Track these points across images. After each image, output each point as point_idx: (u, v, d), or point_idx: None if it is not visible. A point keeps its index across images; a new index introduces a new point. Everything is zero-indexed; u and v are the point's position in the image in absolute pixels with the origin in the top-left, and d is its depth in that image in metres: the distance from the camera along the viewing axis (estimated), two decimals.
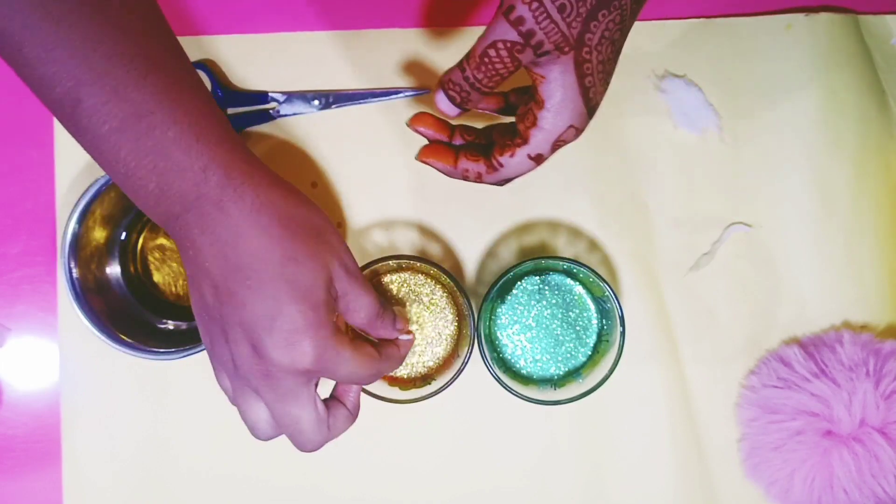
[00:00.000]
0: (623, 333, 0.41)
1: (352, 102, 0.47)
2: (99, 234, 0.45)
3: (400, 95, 0.47)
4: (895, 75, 0.48)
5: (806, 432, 0.45)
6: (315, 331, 0.31)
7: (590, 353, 0.45)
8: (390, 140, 0.48)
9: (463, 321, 0.44)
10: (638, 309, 0.47)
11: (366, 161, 0.48)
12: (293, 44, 0.47)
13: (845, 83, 0.48)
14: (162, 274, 0.48)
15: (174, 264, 0.48)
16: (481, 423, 0.47)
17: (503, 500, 0.47)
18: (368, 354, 0.34)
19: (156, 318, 0.47)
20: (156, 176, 0.29)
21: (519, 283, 0.45)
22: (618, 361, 0.41)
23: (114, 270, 0.46)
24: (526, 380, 0.45)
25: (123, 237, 0.46)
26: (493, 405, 0.47)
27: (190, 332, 0.46)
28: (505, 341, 0.45)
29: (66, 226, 0.42)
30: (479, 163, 0.37)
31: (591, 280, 0.42)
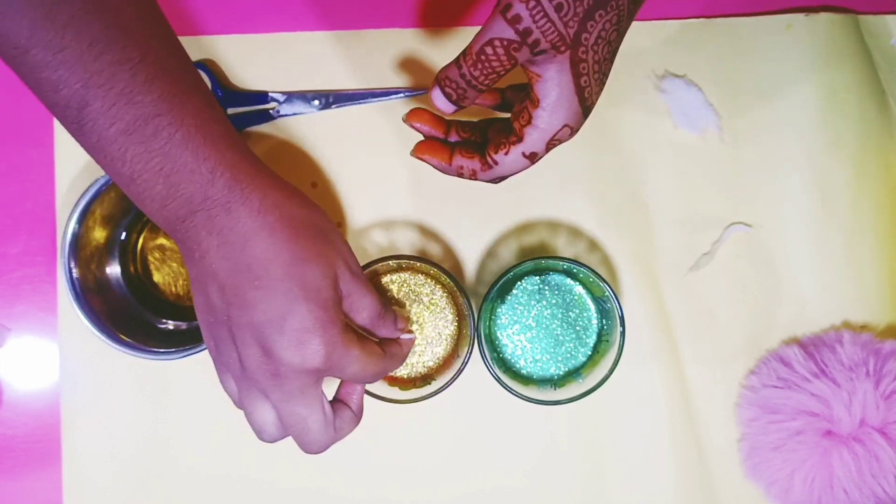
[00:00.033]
0: (623, 333, 0.41)
1: (352, 102, 0.47)
2: (99, 234, 0.45)
3: (399, 95, 0.47)
4: (895, 75, 0.48)
5: (806, 432, 0.45)
6: (325, 330, 0.31)
7: (590, 353, 0.45)
8: (390, 140, 0.48)
9: (463, 321, 0.44)
10: (638, 309, 0.47)
11: (366, 161, 0.48)
12: (293, 44, 0.47)
13: (845, 83, 0.48)
14: (162, 274, 0.48)
15: (174, 264, 0.48)
16: (481, 423, 0.47)
17: (503, 500, 0.47)
18: (375, 353, 0.34)
19: (156, 318, 0.47)
20: (163, 178, 0.29)
21: (519, 283, 0.45)
22: (618, 361, 0.41)
23: (114, 270, 0.46)
24: (526, 380, 0.45)
25: (123, 237, 0.46)
26: (493, 405, 0.47)
27: (190, 332, 0.46)
28: (505, 341, 0.45)
29: (66, 226, 0.42)
30: (474, 160, 0.37)
31: (591, 280, 0.42)
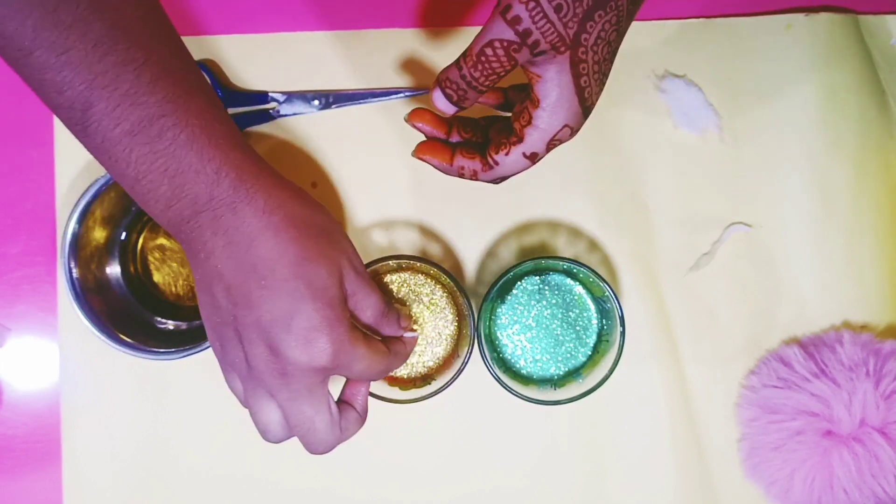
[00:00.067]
0: (623, 333, 0.41)
1: (352, 102, 0.47)
2: (99, 234, 0.45)
3: (399, 95, 0.47)
4: (895, 75, 0.48)
5: (806, 432, 0.45)
6: (332, 328, 0.31)
7: (590, 353, 0.45)
8: (390, 140, 0.48)
9: (463, 321, 0.44)
10: (638, 309, 0.47)
11: (366, 161, 0.48)
12: (293, 44, 0.47)
13: (845, 83, 0.48)
14: (162, 274, 0.48)
15: (174, 264, 0.48)
16: (481, 423, 0.47)
17: (503, 500, 0.47)
18: (380, 351, 0.34)
19: (156, 318, 0.47)
20: (168, 178, 0.29)
21: (519, 283, 0.45)
22: (618, 361, 0.41)
23: (114, 270, 0.46)
24: (526, 380, 0.45)
25: (123, 237, 0.47)
26: (493, 405, 0.47)
27: (190, 332, 0.46)
28: (505, 341, 0.45)
29: (66, 226, 0.42)
30: (475, 160, 0.37)
31: (591, 280, 0.42)
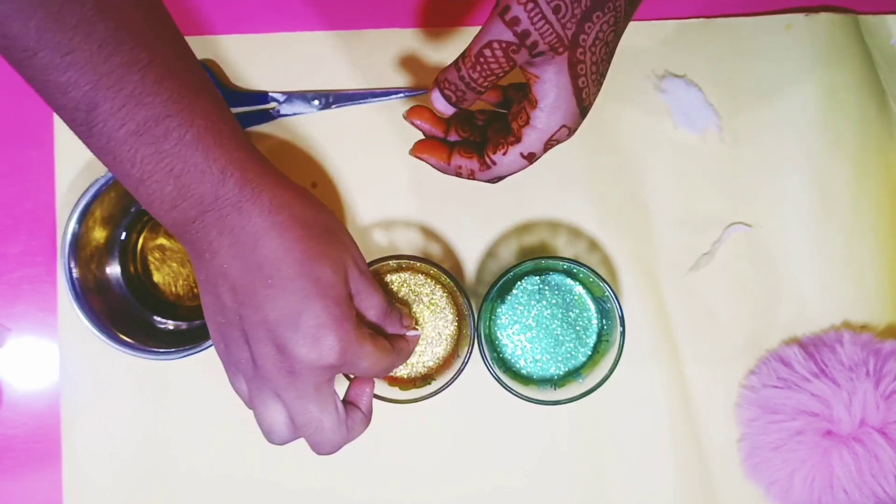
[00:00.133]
0: (623, 333, 0.41)
1: (352, 102, 0.47)
2: (99, 234, 0.45)
3: (400, 95, 0.47)
4: (895, 75, 0.48)
5: (806, 432, 0.45)
6: (339, 325, 0.31)
7: (590, 353, 0.45)
8: (390, 140, 0.48)
9: (463, 321, 0.44)
10: (638, 309, 0.47)
11: (366, 161, 0.48)
12: (293, 44, 0.47)
13: (845, 83, 0.48)
14: (162, 274, 0.48)
15: (174, 264, 0.48)
16: (481, 423, 0.47)
17: (503, 500, 0.47)
18: (385, 348, 0.34)
19: (156, 318, 0.47)
20: (173, 179, 0.29)
21: (519, 283, 0.45)
22: (618, 361, 0.41)
23: (114, 270, 0.46)
24: (526, 380, 0.45)
25: (123, 237, 0.47)
26: (493, 405, 0.47)
27: (190, 332, 0.46)
28: (505, 341, 0.45)
29: (66, 226, 0.42)
30: (473, 160, 0.37)
31: (591, 280, 0.42)
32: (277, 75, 0.47)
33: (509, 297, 0.45)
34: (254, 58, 0.47)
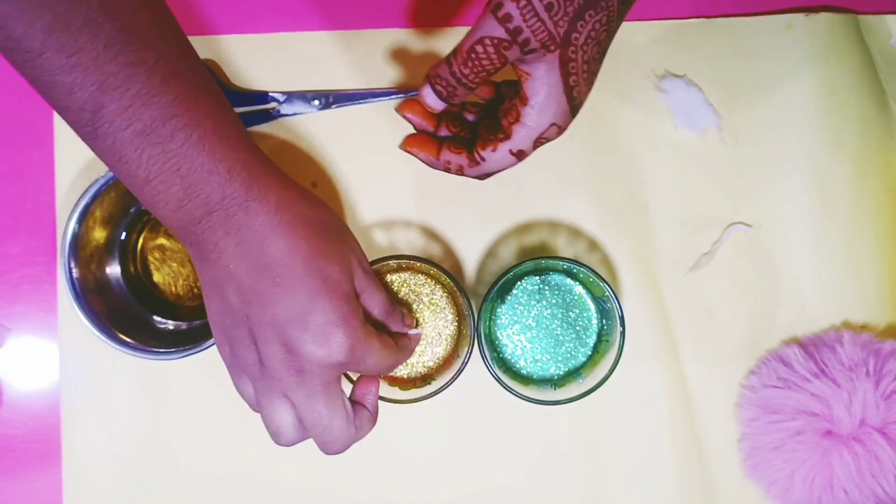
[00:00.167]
0: (623, 333, 0.41)
1: (352, 102, 0.47)
2: (99, 234, 0.45)
3: (400, 95, 0.47)
4: (895, 75, 0.48)
5: (806, 432, 0.45)
6: (348, 323, 0.31)
7: (590, 353, 0.45)
8: (390, 140, 0.48)
9: (463, 321, 0.44)
10: (638, 309, 0.47)
11: (366, 161, 0.48)
12: (293, 44, 0.47)
13: (845, 83, 0.48)
14: (162, 274, 0.48)
15: (174, 264, 0.48)
16: (481, 423, 0.47)
17: (503, 500, 0.47)
18: (390, 345, 0.35)
19: (156, 318, 0.47)
20: (179, 179, 0.29)
21: (519, 283, 0.45)
22: (618, 361, 0.41)
23: (114, 270, 0.46)
24: (526, 380, 0.45)
25: (123, 237, 0.47)
26: (493, 405, 0.47)
27: (190, 332, 0.46)
28: (505, 341, 0.45)
29: (66, 226, 0.42)
30: (462, 155, 0.38)
31: (591, 280, 0.42)
32: (277, 75, 0.47)
33: (509, 297, 0.45)
34: (254, 58, 0.47)
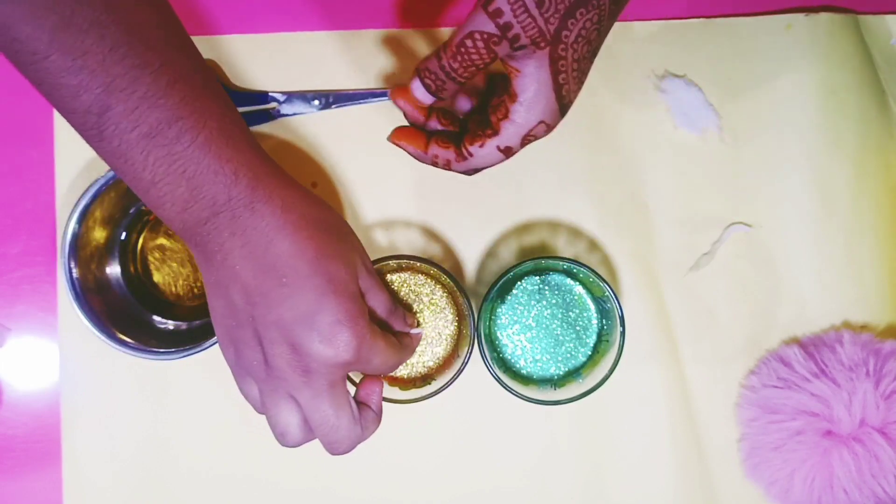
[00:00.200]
0: (623, 333, 0.41)
1: (352, 102, 0.47)
2: (99, 235, 0.45)
3: None
4: (895, 75, 0.48)
5: (806, 432, 0.45)
6: (354, 322, 0.31)
7: (590, 353, 0.45)
8: None
9: (463, 321, 0.44)
10: (638, 309, 0.47)
11: (366, 161, 0.48)
12: (293, 44, 0.47)
13: (845, 83, 0.48)
14: (162, 274, 0.48)
15: (174, 264, 0.48)
16: (481, 423, 0.47)
17: (503, 500, 0.47)
18: (394, 345, 0.35)
19: (156, 318, 0.47)
20: (186, 180, 0.29)
21: (519, 283, 0.45)
22: (618, 361, 0.41)
23: (114, 270, 0.46)
24: (526, 380, 0.45)
25: (123, 237, 0.46)
26: (493, 405, 0.47)
27: (190, 332, 0.46)
28: (505, 341, 0.45)
29: (66, 226, 0.42)
30: (449, 150, 0.38)
31: (591, 280, 0.42)
32: (277, 75, 0.47)
33: (509, 297, 0.45)
34: (254, 58, 0.47)
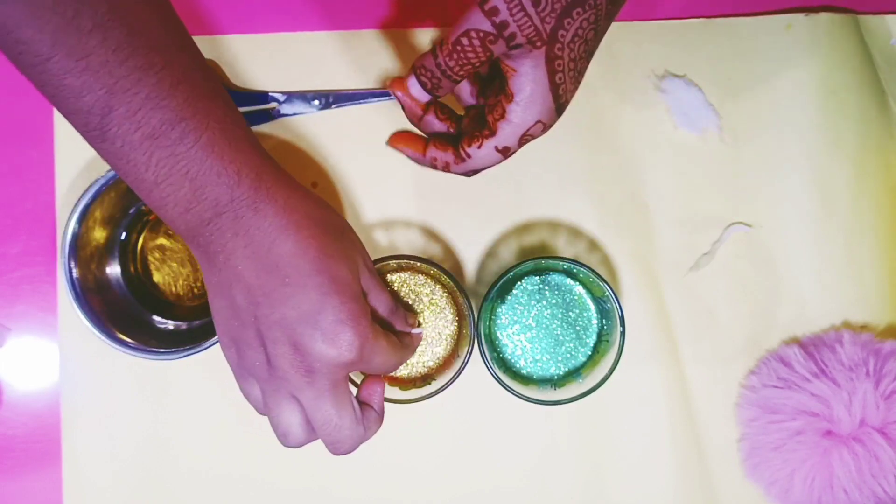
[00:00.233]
0: (623, 333, 0.41)
1: (352, 102, 0.47)
2: (99, 234, 0.45)
3: None
4: (895, 75, 0.48)
5: (806, 432, 0.45)
6: (357, 321, 0.31)
7: (590, 353, 0.45)
8: None
9: (463, 321, 0.44)
10: (638, 309, 0.47)
11: (366, 161, 0.48)
12: (293, 44, 0.47)
13: (845, 83, 0.48)
14: (162, 274, 0.48)
15: (174, 264, 0.48)
16: (481, 423, 0.47)
17: (503, 500, 0.47)
18: (396, 344, 0.35)
19: (156, 318, 0.47)
20: (189, 181, 0.29)
21: (519, 283, 0.45)
22: (618, 361, 0.41)
23: (114, 270, 0.46)
24: (526, 380, 0.45)
25: (123, 237, 0.46)
26: (493, 405, 0.47)
27: (190, 332, 0.46)
28: (505, 341, 0.45)
29: (66, 226, 0.42)
30: (448, 152, 0.38)
31: (591, 280, 0.42)
32: (277, 75, 0.47)
33: (509, 297, 0.45)
34: (254, 58, 0.47)
